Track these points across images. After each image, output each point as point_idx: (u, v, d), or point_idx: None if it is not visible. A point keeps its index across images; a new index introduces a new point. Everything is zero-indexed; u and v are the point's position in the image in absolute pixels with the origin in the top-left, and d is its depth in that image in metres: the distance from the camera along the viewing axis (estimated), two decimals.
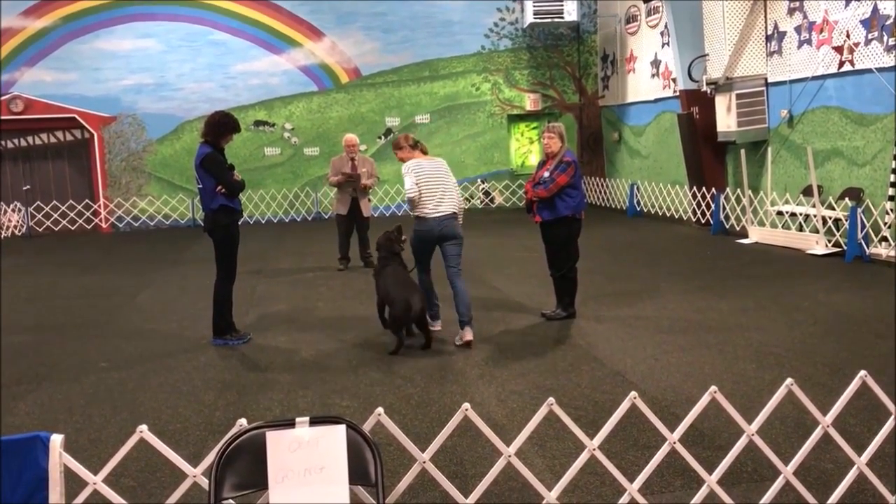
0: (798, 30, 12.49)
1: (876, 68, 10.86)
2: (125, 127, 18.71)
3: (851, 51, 11.38)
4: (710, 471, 3.25)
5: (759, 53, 13.29)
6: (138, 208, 18.77)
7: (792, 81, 12.71)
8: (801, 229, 12.16)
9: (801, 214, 12.12)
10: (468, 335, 6.97)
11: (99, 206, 18.58)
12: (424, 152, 7.28)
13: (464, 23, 19.73)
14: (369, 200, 11.29)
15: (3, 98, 17.81)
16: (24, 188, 18.25)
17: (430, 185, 6.99)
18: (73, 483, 3.03)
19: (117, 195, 18.72)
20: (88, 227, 18.46)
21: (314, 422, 2.75)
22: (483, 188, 20.01)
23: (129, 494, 3.87)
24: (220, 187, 6.99)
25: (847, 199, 11.26)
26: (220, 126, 7.10)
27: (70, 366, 6.77)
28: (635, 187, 17.51)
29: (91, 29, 18.37)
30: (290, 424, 2.75)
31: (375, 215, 18.87)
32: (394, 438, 3.13)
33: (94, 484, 2.96)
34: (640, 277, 10.06)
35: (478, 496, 3.15)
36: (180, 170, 18.66)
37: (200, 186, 7.11)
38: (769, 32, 13.18)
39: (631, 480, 3.25)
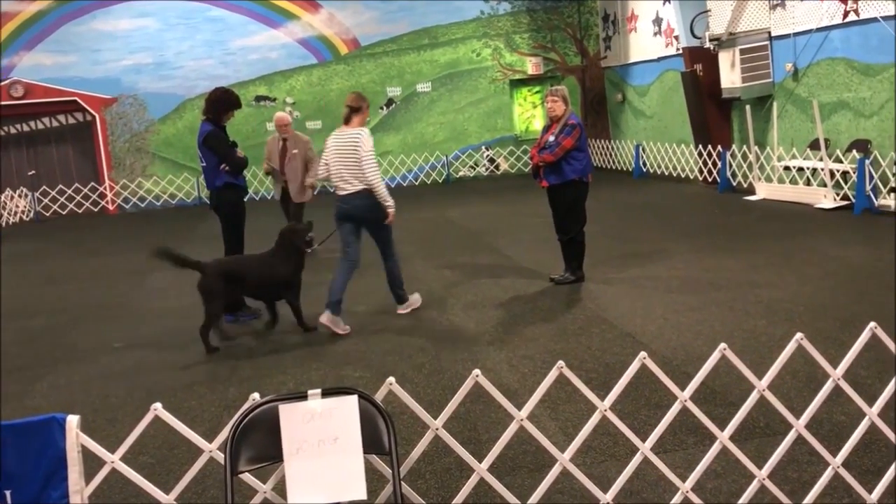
0: None
1: (881, 17, 10.70)
2: (126, 108, 18.67)
3: (856, 0, 11.20)
4: (723, 427, 3.26)
5: (761, 7, 13.10)
6: (144, 189, 18.79)
7: (796, 34, 12.55)
8: (808, 184, 12.08)
9: (808, 169, 12.03)
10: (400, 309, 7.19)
11: (105, 189, 18.61)
12: (346, 122, 6.74)
13: None
14: (304, 187, 9.92)
15: (2, 83, 17.78)
16: (30, 173, 18.28)
17: (335, 162, 6.66)
18: (92, 462, 3.06)
19: (122, 176, 18.73)
20: (95, 210, 18.51)
21: (326, 393, 2.77)
22: (488, 155, 19.92)
23: (148, 471, 3.92)
24: (223, 165, 7.00)
25: (854, 151, 11.16)
26: (221, 103, 7.08)
27: (85, 347, 6.82)
28: (640, 148, 17.40)
29: (87, 10, 18.27)
30: (303, 397, 2.76)
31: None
32: (406, 407, 3.15)
33: (112, 462, 2.99)
34: (648, 238, 10.04)
35: (491, 461, 3.17)
36: (184, 149, 18.62)
37: (204, 164, 7.11)
38: None
39: (643, 440, 3.27)
